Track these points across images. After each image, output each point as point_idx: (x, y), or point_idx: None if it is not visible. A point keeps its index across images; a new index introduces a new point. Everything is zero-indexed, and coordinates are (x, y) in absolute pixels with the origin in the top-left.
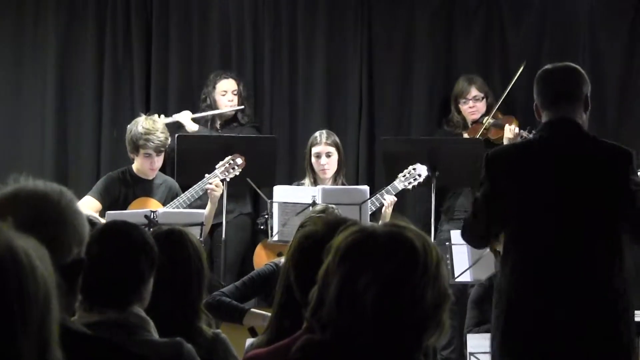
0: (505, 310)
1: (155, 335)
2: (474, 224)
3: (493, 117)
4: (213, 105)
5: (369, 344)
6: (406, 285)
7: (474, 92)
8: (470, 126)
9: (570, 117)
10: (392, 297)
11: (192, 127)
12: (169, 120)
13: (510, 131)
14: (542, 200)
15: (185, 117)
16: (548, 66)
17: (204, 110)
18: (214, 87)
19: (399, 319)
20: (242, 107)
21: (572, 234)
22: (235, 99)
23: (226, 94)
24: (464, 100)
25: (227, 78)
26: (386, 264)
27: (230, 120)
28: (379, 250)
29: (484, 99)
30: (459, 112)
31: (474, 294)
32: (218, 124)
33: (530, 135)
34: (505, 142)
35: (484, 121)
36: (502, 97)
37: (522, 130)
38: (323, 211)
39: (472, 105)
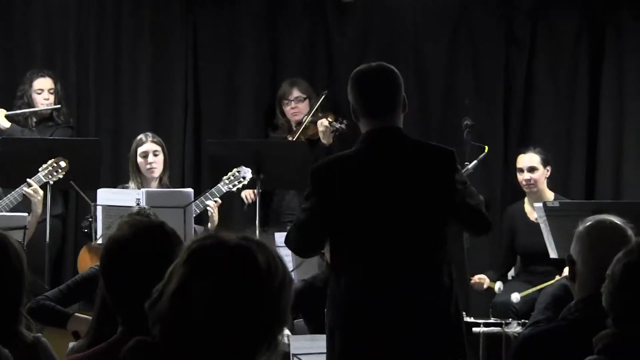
0: (344, 317)
1: None
2: (300, 234)
3: (312, 116)
4: (30, 103)
5: (197, 349)
6: (240, 300)
7: (295, 93)
8: (294, 128)
9: (391, 125)
10: (224, 308)
11: (4, 125)
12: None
13: (321, 124)
14: (370, 210)
15: None
16: (363, 68)
17: (20, 108)
18: (31, 85)
19: (228, 330)
20: (59, 105)
21: (402, 242)
22: (52, 97)
23: (42, 92)
24: (286, 102)
25: (43, 76)
26: (225, 275)
27: (45, 119)
28: (222, 261)
29: (306, 100)
30: (284, 114)
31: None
32: (33, 122)
33: (343, 126)
34: (320, 136)
35: (304, 120)
36: (316, 105)
37: (334, 122)
38: (139, 213)
39: (294, 107)
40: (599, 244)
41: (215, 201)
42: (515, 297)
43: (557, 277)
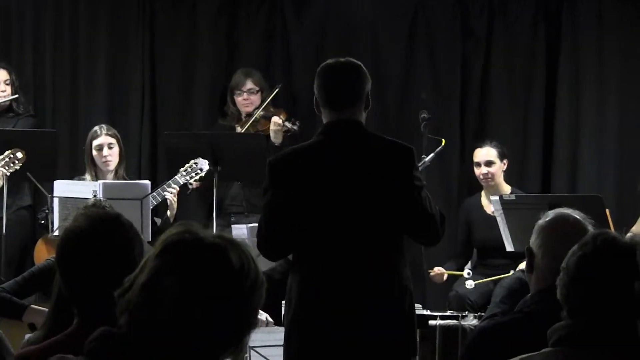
0: (300, 312)
1: None
2: (265, 232)
3: (264, 110)
4: None
5: (162, 342)
6: (210, 298)
7: (249, 84)
8: (243, 119)
9: (351, 118)
10: (193, 304)
11: None
12: None
13: (274, 123)
14: (327, 205)
15: None
16: (330, 62)
17: None
18: None
19: (196, 327)
20: (16, 96)
21: (358, 236)
22: (8, 88)
23: None
24: (238, 92)
25: None
26: (197, 272)
27: (5, 110)
28: (195, 257)
29: (259, 92)
30: (235, 104)
31: None
32: None
33: (295, 128)
34: (271, 134)
35: (254, 113)
36: (269, 99)
37: (286, 122)
38: (94, 205)
39: (247, 98)
40: (560, 239)
41: (174, 187)
42: (470, 284)
43: (512, 272)
